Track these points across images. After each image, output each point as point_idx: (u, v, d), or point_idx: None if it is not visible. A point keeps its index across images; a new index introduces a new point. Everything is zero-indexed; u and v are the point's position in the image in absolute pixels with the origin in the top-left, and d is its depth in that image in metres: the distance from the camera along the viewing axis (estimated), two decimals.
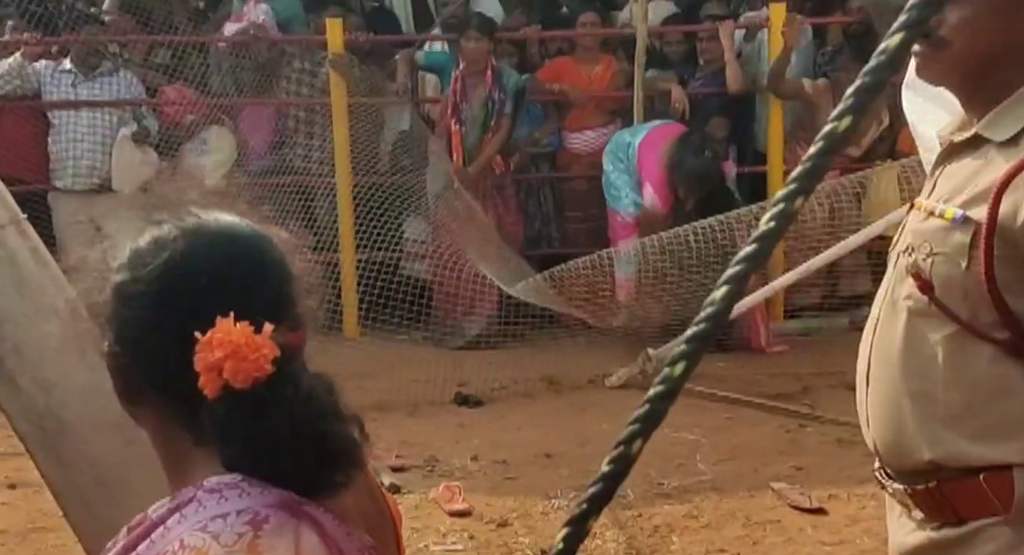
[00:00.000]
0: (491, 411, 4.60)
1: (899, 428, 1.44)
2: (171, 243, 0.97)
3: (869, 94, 0.54)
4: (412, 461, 3.99)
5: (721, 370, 4.95)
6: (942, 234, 1.38)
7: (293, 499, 0.94)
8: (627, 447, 0.53)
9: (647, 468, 3.90)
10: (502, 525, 3.47)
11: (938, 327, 1.39)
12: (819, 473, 3.72)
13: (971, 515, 1.39)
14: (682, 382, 0.53)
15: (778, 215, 0.51)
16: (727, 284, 0.51)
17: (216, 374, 0.91)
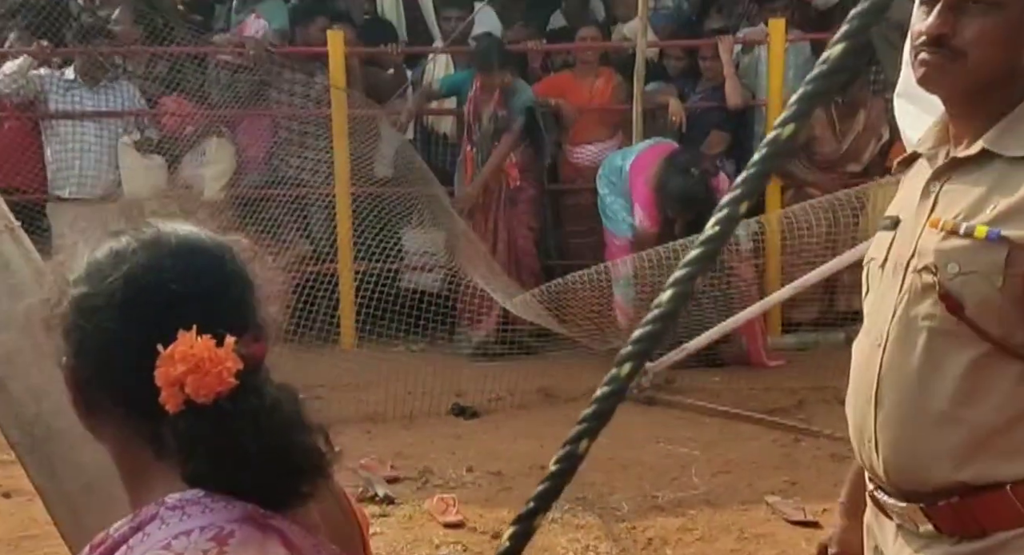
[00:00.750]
0: (487, 422, 4.60)
1: (921, 450, 1.41)
2: (131, 255, 0.96)
3: (812, 101, 0.55)
4: (406, 472, 3.98)
5: (716, 385, 4.96)
6: (972, 253, 1.36)
7: (258, 512, 0.94)
8: (574, 446, 0.53)
9: (641, 481, 3.90)
10: (495, 537, 3.46)
11: (966, 346, 1.37)
12: (813, 487, 3.72)
13: (996, 526, 1.38)
14: (629, 381, 0.53)
15: (723, 219, 0.52)
16: (675, 286, 0.52)
17: (178, 389, 0.91)
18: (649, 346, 0.52)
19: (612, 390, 0.53)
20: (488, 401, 4.80)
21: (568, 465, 0.54)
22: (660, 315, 0.52)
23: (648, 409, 4.71)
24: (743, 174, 0.51)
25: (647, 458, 4.12)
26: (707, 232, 0.51)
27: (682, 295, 0.52)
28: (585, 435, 0.54)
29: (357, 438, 4.33)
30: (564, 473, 0.54)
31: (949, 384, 1.39)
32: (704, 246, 0.52)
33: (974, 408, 1.38)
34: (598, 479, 3.93)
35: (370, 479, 3.83)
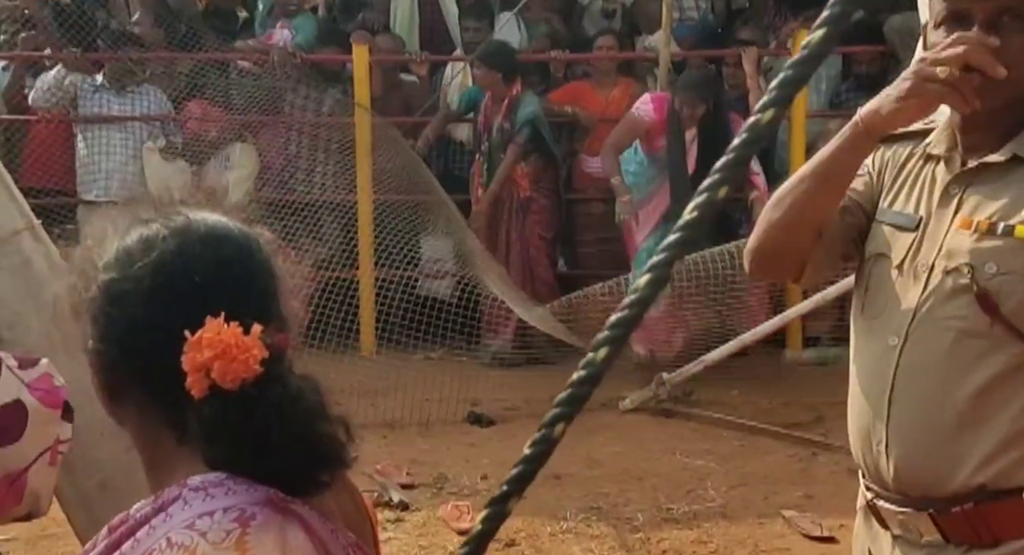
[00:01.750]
0: (502, 431, 4.60)
1: (941, 453, 1.40)
2: (160, 242, 0.98)
3: (792, 87, 0.55)
4: (421, 479, 3.99)
5: (735, 398, 4.93)
6: (1011, 253, 1.37)
7: (279, 497, 0.95)
8: (549, 430, 0.53)
9: (656, 493, 3.88)
10: (509, 545, 3.45)
11: (996, 348, 1.37)
12: (830, 502, 3.68)
13: (1010, 535, 1.37)
14: (605, 367, 0.53)
15: (702, 204, 0.52)
16: (651, 271, 0.52)
17: (204, 374, 0.92)
18: (626, 331, 0.52)
19: (588, 375, 0.53)
20: (504, 410, 4.80)
21: (542, 449, 0.54)
22: (636, 300, 0.52)
23: (666, 421, 4.69)
24: (723, 159, 0.51)
25: (663, 470, 4.10)
26: (685, 217, 0.51)
27: (659, 280, 0.52)
28: (560, 419, 0.54)
29: (374, 444, 4.34)
30: (538, 457, 0.54)
31: (977, 386, 1.38)
32: (682, 231, 0.52)
33: (1001, 410, 1.37)
34: (613, 490, 3.92)
35: (385, 484, 3.84)
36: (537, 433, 0.55)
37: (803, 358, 5.41)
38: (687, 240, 0.52)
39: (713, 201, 0.51)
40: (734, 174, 0.52)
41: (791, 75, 0.57)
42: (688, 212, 0.51)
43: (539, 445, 0.54)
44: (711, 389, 4.91)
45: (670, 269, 0.50)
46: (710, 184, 0.51)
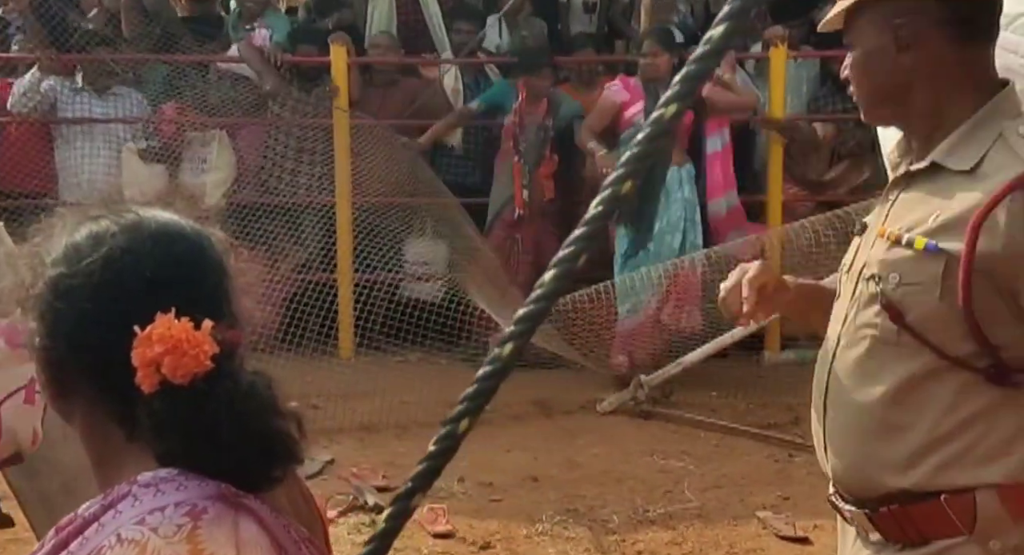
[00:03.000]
0: (480, 434, 4.51)
1: (865, 456, 1.43)
2: (110, 238, 0.98)
3: (695, 82, 0.55)
4: (398, 482, 3.96)
5: (713, 400, 4.94)
6: (912, 264, 1.39)
7: (231, 491, 0.95)
8: (454, 426, 0.52)
9: (633, 495, 3.88)
10: (484, 547, 3.45)
11: (908, 356, 1.39)
12: (805, 503, 3.69)
13: (935, 535, 1.39)
14: (512, 362, 0.53)
15: (607, 199, 0.52)
16: (558, 266, 0.52)
17: (154, 369, 0.92)
18: (531, 326, 0.52)
19: (494, 370, 0.52)
20: (483, 412, 4.78)
21: (448, 445, 0.53)
22: (542, 295, 0.52)
23: (644, 423, 4.69)
24: (627, 153, 0.50)
25: (640, 472, 4.10)
26: (591, 211, 0.51)
27: (565, 275, 0.51)
28: (466, 415, 0.53)
29: (350, 447, 4.32)
30: (443, 453, 0.54)
31: (891, 393, 1.40)
32: (587, 226, 0.51)
33: (917, 417, 1.38)
34: (590, 492, 3.91)
35: (361, 487, 3.82)
36: (442, 429, 0.54)
37: (781, 359, 5.42)
38: (592, 234, 0.51)
39: (618, 196, 0.51)
40: (639, 168, 0.52)
41: (694, 70, 0.57)
42: (593, 207, 0.50)
43: (444, 441, 0.53)
44: (689, 391, 4.92)
45: (576, 263, 0.49)
46: (615, 178, 0.51)
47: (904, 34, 1.41)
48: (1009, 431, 1.36)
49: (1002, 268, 1.32)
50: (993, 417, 1.36)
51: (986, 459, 1.36)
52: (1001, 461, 1.35)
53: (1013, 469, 1.36)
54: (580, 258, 0.51)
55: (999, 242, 1.31)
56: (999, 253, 1.31)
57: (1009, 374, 1.36)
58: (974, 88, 1.42)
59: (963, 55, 1.42)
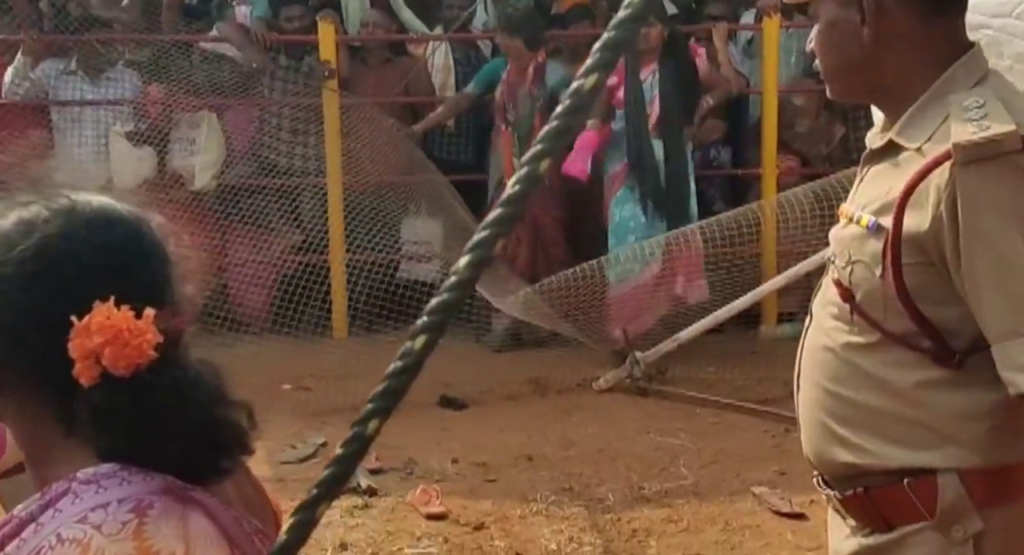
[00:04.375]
0: (475, 414, 4.56)
1: (823, 432, 1.43)
2: (42, 224, 0.93)
3: (616, 50, 0.50)
4: (390, 463, 3.94)
5: (710, 375, 4.91)
6: (859, 242, 1.37)
7: (177, 485, 0.92)
8: (362, 427, 0.48)
9: (629, 472, 3.85)
10: (478, 528, 3.42)
11: (861, 334, 1.38)
12: (801, 478, 3.63)
13: (899, 521, 1.37)
14: (425, 355, 0.48)
15: (523, 178, 0.47)
16: (473, 250, 0.47)
17: (94, 361, 0.88)
18: (446, 316, 0.47)
19: (405, 366, 0.48)
20: (477, 392, 4.76)
21: (356, 448, 0.49)
22: (457, 282, 0.47)
23: (640, 400, 4.66)
24: (546, 128, 0.46)
25: (637, 449, 4.07)
26: (508, 191, 0.46)
27: (481, 260, 0.47)
28: (375, 415, 0.49)
29: (343, 429, 4.23)
30: (351, 457, 0.49)
31: (848, 369, 1.39)
32: (504, 207, 0.47)
33: (871, 394, 1.37)
34: (586, 470, 3.89)
35: None
36: (351, 431, 0.49)
37: (778, 334, 5.38)
38: (511, 216, 0.47)
39: (535, 175, 0.46)
40: (557, 144, 0.47)
41: (613, 37, 0.53)
42: (511, 186, 0.46)
43: (352, 444, 0.49)
44: (686, 367, 4.88)
45: (492, 249, 0.45)
46: (532, 156, 0.47)
47: (868, 6, 1.37)
48: (957, 412, 1.33)
49: (931, 245, 1.29)
50: (940, 398, 1.34)
51: (936, 440, 1.34)
52: (952, 443, 1.33)
53: (967, 452, 1.33)
54: (497, 242, 0.47)
55: (925, 218, 1.29)
56: (926, 230, 1.29)
57: (953, 354, 1.33)
58: (940, 62, 1.38)
59: (929, 29, 1.37)
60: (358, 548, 3.26)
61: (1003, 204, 1.25)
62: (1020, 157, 1.26)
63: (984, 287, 1.26)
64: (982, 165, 1.25)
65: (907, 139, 1.37)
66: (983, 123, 1.26)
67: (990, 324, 1.26)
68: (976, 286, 1.26)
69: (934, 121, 1.34)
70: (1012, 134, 1.25)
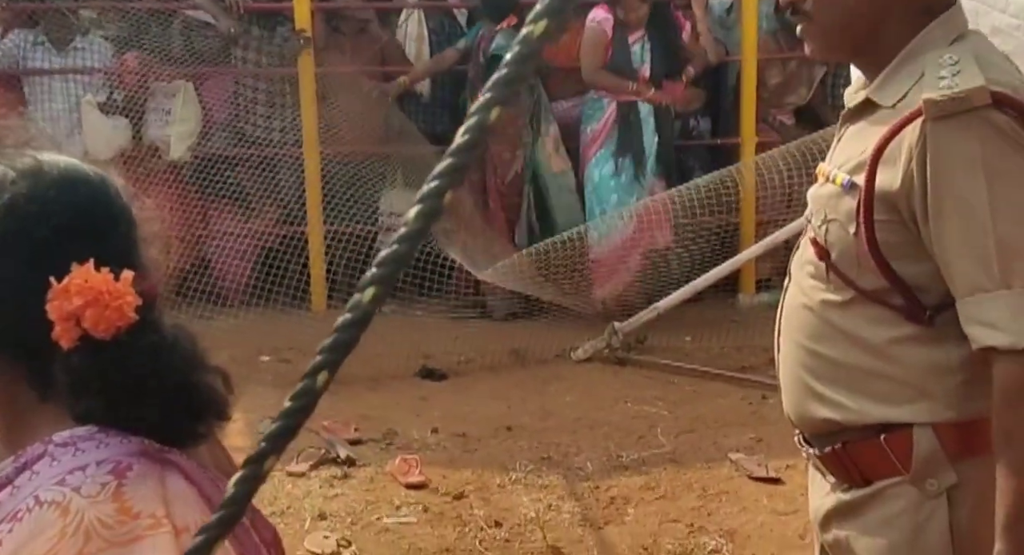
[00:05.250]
0: (454, 384, 4.57)
1: (803, 390, 1.44)
2: (9, 185, 0.92)
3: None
4: (370, 434, 3.95)
5: (688, 344, 4.93)
6: (835, 200, 1.38)
7: (154, 447, 0.92)
8: (311, 381, 0.48)
9: (607, 441, 3.88)
10: (457, 497, 3.44)
11: (836, 292, 1.39)
12: (778, 444, 3.69)
13: (875, 476, 1.39)
14: (374, 308, 0.48)
15: (473, 127, 0.46)
16: (422, 202, 0.47)
17: (74, 324, 0.87)
18: (395, 269, 0.47)
19: (354, 319, 0.47)
20: (457, 363, 4.76)
21: (305, 402, 0.48)
22: (406, 235, 0.46)
23: (618, 370, 4.68)
24: (495, 76, 0.45)
25: (615, 418, 4.09)
26: (456, 142, 0.46)
27: (430, 212, 0.46)
28: (323, 368, 0.48)
29: (322, 400, 4.23)
30: (299, 411, 0.49)
31: (825, 327, 1.40)
32: (453, 157, 0.46)
33: (847, 351, 1.39)
34: (564, 440, 3.91)
35: (332, 441, 3.80)
36: (299, 384, 0.49)
37: (756, 302, 5.41)
38: (459, 166, 0.46)
39: (484, 124, 0.45)
40: (508, 93, 0.46)
41: None
42: (460, 136, 0.45)
43: (301, 397, 0.48)
44: (664, 336, 4.90)
45: (441, 200, 0.44)
46: (481, 105, 0.46)
47: None
48: (930, 367, 1.35)
49: (902, 202, 1.30)
50: (912, 353, 1.35)
51: (910, 395, 1.36)
52: (926, 398, 1.35)
53: (940, 406, 1.35)
54: (446, 194, 0.46)
55: (897, 175, 1.29)
56: (898, 187, 1.30)
57: (923, 310, 1.34)
58: (919, 20, 1.37)
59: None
60: (337, 518, 3.27)
61: (972, 160, 1.25)
62: (990, 112, 1.26)
63: (951, 243, 1.27)
64: (952, 121, 1.25)
65: (883, 97, 1.37)
66: (954, 80, 1.27)
67: (956, 279, 1.28)
68: (944, 242, 1.28)
69: (910, 79, 1.34)
70: (981, 90, 1.25)
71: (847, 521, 1.43)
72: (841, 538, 1.45)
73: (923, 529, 1.35)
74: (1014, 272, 1.24)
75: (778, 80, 5.59)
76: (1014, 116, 1.26)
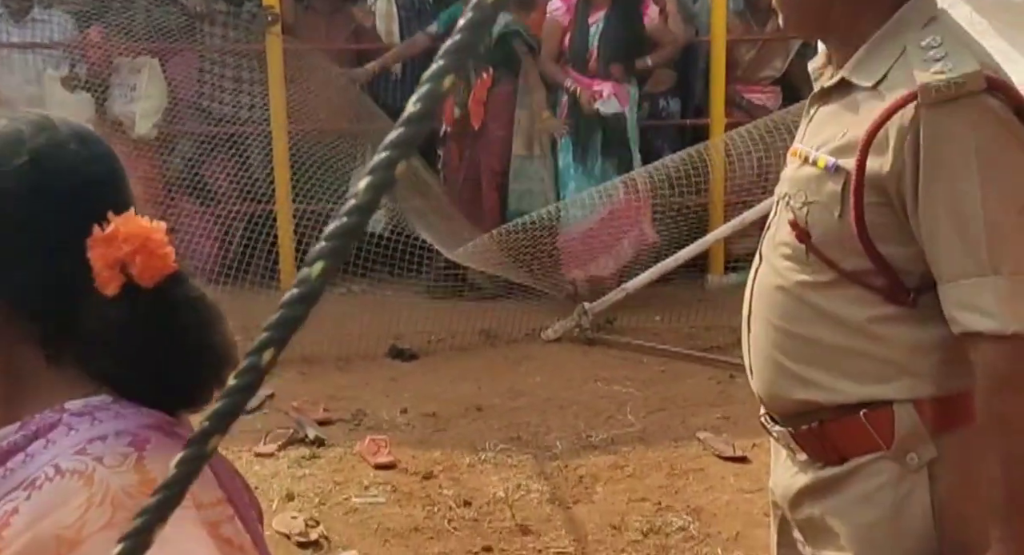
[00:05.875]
0: (425, 364, 4.56)
1: (777, 370, 1.44)
2: (29, 138, 0.90)
3: None
4: (339, 414, 3.94)
5: (657, 324, 4.96)
6: (816, 182, 1.37)
7: (166, 420, 0.91)
8: (257, 357, 0.46)
9: (577, 421, 3.90)
10: (427, 477, 3.44)
11: (815, 273, 1.39)
12: (745, 422, 3.73)
13: (853, 452, 1.40)
14: (322, 283, 0.46)
15: (424, 96, 0.45)
16: (373, 173, 0.46)
17: (118, 271, 0.85)
18: (345, 242, 0.46)
19: (302, 293, 0.46)
20: (427, 343, 4.76)
21: (250, 379, 0.47)
22: (356, 207, 0.45)
23: (588, 350, 4.70)
24: (447, 44, 0.44)
25: (584, 398, 4.11)
26: (408, 111, 0.45)
27: (381, 184, 0.45)
28: (270, 344, 0.47)
29: (291, 381, 4.27)
30: (244, 389, 0.48)
31: (803, 307, 1.40)
32: (405, 127, 0.45)
33: (825, 332, 1.39)
34: (534, 419, 3.92)
35: (301, 421, 3.78)
36: (244, 361, 0.48)
37: (725, 282, 5.44)
38: (411, 137, 0.45)
39: (437, 93, 0.44)
40: (459, 61, 0.45)
41: None
42: (412, 105, 0.44)
43: (246, 374, 0.47)
44: (634, 316, 4.92)
45: (391, 172, 0.43)
46: (433, 73, 0.45)
47: None
48: (911, 346, 1.36)
49: (892, 186, 1.31)
50: (894, 332, 1.36)
51: (892, 373, 1.37)
52: (907, 375, 1.36)
53: (921, 383, 1.36)
54: (396, 165, 0.45)
55: (888, 160, 1.30)
56: (888, 171, 1.30)
57: (906, 292, 1.35)
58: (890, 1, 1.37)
59: None
60: (305, 498, 3.26)
61: (966, 145, 1.25)
62: (985, 97, 1.26)
63: (940, 227, 1.27)
64: (948, 106, 1.25)
65: (861, 77, 1.37)
66: (946, 63, 1.26)
67: (942, 264, 1.28)
68: (932, 226, 1.28)
69: (888, 60, 1.33)
70: (976, 74, 1.25)
71: (823, 499, 1.43)
72: (816, 516, 1.45)
73: (904, 503, 1.36)
74: (1002, 258, 1.24)
75: (751, 55, 5.60)
76: (1005, 100, 1.27)
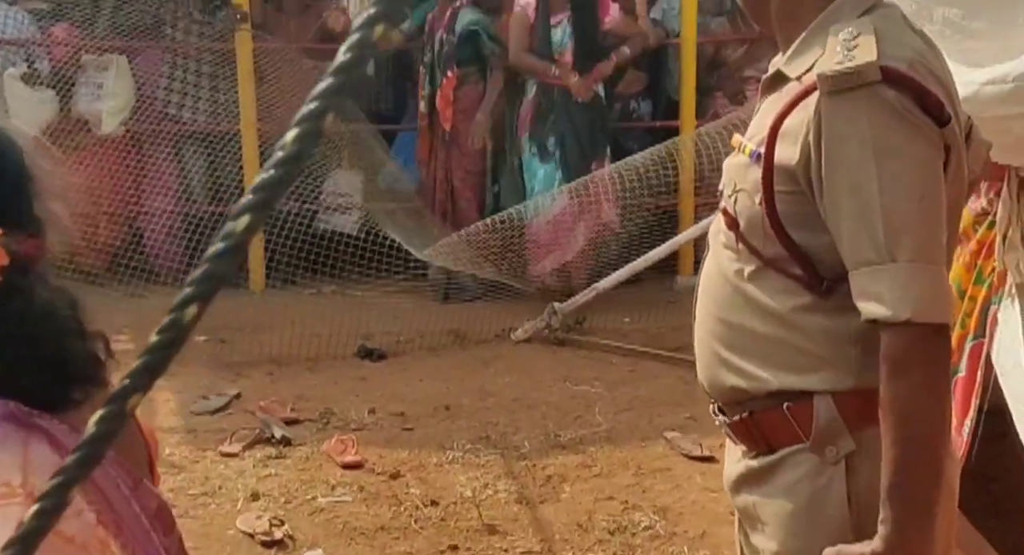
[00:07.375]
0: (394, 364, 4.55)
1: (713, 358, 1.47)
2: None
3: None
4: (307, 414, 3.91)
5: (626, 325, 4.97)
6: (743, 171, 1.40)
7: (21, 410, 0.88)
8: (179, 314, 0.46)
9: (545, 420, 3.90)
10: (394, 477, 3.43)
11: (745, 262, 1.41)
12: (711, 423, 3.69)
13: (779, 443, 1.42)
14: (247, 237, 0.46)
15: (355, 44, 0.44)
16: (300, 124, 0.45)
17: None
18: (271, 195, 0.45)
19: (227, 247, 0.45)
20: (396, 343, 4.74)
21: (172, 335, 0.47)
22: (283, 158, 0.45)
23: (558, 350, 4.70)
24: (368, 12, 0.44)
25: (553, 398, 4.11)
26: (339, 59, 0.44)
27: (310, 134, 0.45)
28: (193, 300, 0.46)
29: (259, 381, 4.25)
30: (166, 345, 0.47)
31: (733, 296, 1.43)
32: (334, 76, 0.45)
33: (752, 320, 1.41)
34: (502, 419, 3.92)
35: (267, 420, 3.76)
36: (167, 318, 0.47)
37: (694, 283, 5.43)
38: (339, 86, 0.45)
39: (367, 40, 0.44)
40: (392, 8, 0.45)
41: None
42: (343, 53, 0.44)
43: (168, 331, 0.47)
44: (603, 317, 4.94)
45: (321, 121, 0.43)
46: (365, 21, 0.45)
47: None
48: (830, 337, 1.37)
49: (802, 175, 1.33)
50: (813, 323, 1.37)
51: (812, 364, 1.38)
52: (827, 367, 1.37)
53: (840, 375, 1.37)
54: (326, 115, 0.45)
55: (796, 148, 1.32)
56: (797, 159, 1.32)
57: (821, 282, 1.37)
58: None
59: None
60: (271, 497, 3.24)
61: (863, 135, 1.27)
62: (882, 88, 1.27)
63: (843, 217, 1.29)
64: (845, 95, 1.27)
65: (791, 69, 1.39)
66: (850, 54, 1.28)
67: (847, 252, 1.30)
68: (836, 216, 1.30)
69: (817, 51, 1.35)
70: (871, 65, 1.26)
71: (755, 487, 1.46)
72: (749, 503, 1.48)
73: (822, 495, 1.38)
74: (899, 246, 1.26)
75: (738, 54, 5.64)
76: (904, 91, 1.28)
